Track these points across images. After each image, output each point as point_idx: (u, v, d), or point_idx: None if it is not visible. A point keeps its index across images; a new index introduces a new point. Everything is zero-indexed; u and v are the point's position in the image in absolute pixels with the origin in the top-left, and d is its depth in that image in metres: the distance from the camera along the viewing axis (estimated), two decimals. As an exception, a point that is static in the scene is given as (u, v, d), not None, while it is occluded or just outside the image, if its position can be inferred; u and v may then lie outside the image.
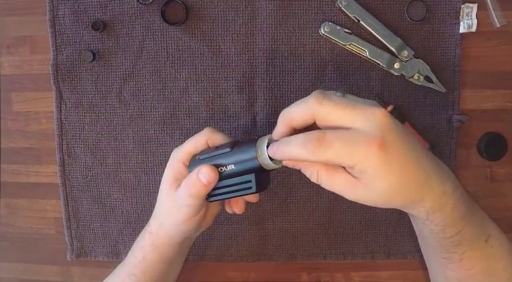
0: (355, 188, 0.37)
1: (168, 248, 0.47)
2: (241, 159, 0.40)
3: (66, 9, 0.55)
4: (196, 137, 0.45)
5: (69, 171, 0.57)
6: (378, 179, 0.36)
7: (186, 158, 0.45)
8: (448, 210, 0.39)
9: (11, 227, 0.60)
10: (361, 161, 0.35)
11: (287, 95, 0.55)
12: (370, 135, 0.35)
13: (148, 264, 0.48)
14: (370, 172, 0.35)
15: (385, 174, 0.36)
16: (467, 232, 0.41)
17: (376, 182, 0.36)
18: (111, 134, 0.56)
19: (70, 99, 0.56)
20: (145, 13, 0.54)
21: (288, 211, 0.57)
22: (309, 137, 0.36)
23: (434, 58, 0.54)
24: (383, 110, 0.36)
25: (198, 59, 0.55)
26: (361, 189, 0.37)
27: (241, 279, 0.59)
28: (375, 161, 0.35)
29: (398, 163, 0.36)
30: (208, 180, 0.41)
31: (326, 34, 0.53)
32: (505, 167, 0.56)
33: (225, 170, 0.41)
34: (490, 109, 0.55)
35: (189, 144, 0.45)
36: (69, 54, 0.55)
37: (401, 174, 0.36)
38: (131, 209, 0.57)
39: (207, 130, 0.45)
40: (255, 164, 0.39)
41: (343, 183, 0.37)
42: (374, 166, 0.35)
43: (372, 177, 0.36)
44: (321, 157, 0.35)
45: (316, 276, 0.59)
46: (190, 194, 0.42)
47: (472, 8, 0.53)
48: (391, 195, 0.37)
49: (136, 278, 0.48)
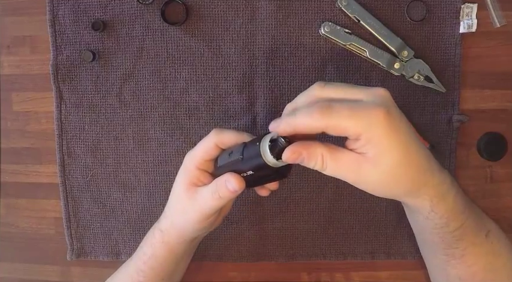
0: (360, 166, 0.37)
1: (177, 246, 0.48)
2: (253, 166, 0.40)
3: (66, 9, 0.55)
4: (205, 142, 0.45)
5: (69, 171, 0.57)
6: (384, 153, 0.36)
7: (200, 162, 0.45)
8: (450, 201, 0.40)
9: (11, 227, 0.60)
10: (367, 129, 0.35)
11: (287, 95, 0.55)
12: (376, 105, 0.35)
13: (157, 261, 0.48)
14: (375, 142, 0.35)
15: (391, 149, 0.36)
16: (468, 226, 0.41)
17: (382, 157, 0.36)
18: (111, 134, 0.56)
19: (70, 99, 0.56)
20: (145, 13, 0.54)
21: (288, 211, 0.57)
22: (315, 106, 0.36)
23: (434, 58, 0.54)
24: (385, 89, 0.37)
25: (198, 59, 0.55)
26: (367, 167, 0.36)
27: (241, 279, 0.59)
28: (381, 129, 0.35)
29: (402, 139, 0.36)
30: (235, 189, 0.42)
31: (326, 34, 0.53)
32: (505, 167, 0.56)
33: (246, 175, 0.42)
34: (490, 109, 0.55)
35: (200, 150, 0.45)
36: (69, 54, 0.55)
37: (406, 152, 0.37)
38: (131, 209, 0.57)
39: (214, 133, 0.44)
40: (266, 166, 0.39)
41: (348, 162, 0.37)
42: (380, 136, 0.35)
43: (377, 150, 0.36)
44: (328, 121, 0.35)
45: (316, 276, 0.59)
46: (219, 196, 0.42)
47: (472, 8, 0.53)
48: (396, 174, 0.37)
49: (145, 274, 0.48)
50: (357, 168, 0.37)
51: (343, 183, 0.55)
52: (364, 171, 0.37)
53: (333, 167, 0.38)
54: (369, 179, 0.38)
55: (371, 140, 0.35)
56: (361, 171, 0.37)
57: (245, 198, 0.57)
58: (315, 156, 0.38)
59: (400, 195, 0.40)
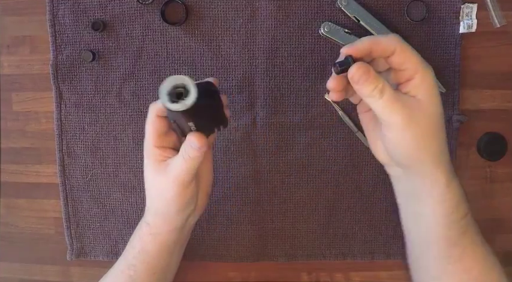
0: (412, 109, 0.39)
1: (167, 236, 0.47)
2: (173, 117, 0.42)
3: (66, 9, 0.55)
4: (148, 119, 0.44)
5: (69, 171, 0.57)
6: (432, 99, 0.40)
7: (155, 140, 0.44)
8: (458, 183, 0.43)
9: (10, 227, 0.60)
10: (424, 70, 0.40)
11: (287, 95, 0.55)
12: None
13: (148, 254, 0.48)
14: (427, 86, 0.40)
15: (436, 100, 0.41)
16: (471, 219, 0.43)
17: (430, 104, 0.40)
18: (111, 134, 0.56)
19: (70, 99, 0.56)
20: (145, 13, 0.54)
21: (288, 211, 0.57)
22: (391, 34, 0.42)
23: (434, 58, 0.54)
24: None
25: (198, 59, 0.55)
26: (417, 110, 0.40)
27: (241, 279, 0.59)
28: (432, 79, 0.40)
29: (437, 98, 0.41)
30: (198, 146, 0.41)
31: (326, 34, 0.53)
32: (505, 167, 0.56)
33: (193, 128, 0.42)
34: (490, 109, 0.55)
35: (149, 129, 0.45)
36: (69, 54, 0.55)
37: (442, 111, 0.41)
38: (131, 209, 0.58)
39: (150, 107, 0.44)
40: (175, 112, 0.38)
41: (403, 100, 0.40)
42: (430, 82, 0.40)
43: (428, 94, 0.40)
44: (401, 45, 0.40)
45: (316, 276, 0.59)
46: (189, 157, 0.42)
47: (472, 8, 0.53)
48: (436, 128, 0.41)
49: (136, 268, 0.48)
50: (410, 108, 0.39)
51: (343, 184, 0.55)
52: (414, 112, 0.39)
53: (390, 96, 0.39)
54: (416, 123, 0.40)
55: (424, 81, 0.40)
56: (412, 111, 0.39)
57: (245, 198, 0.57)
58: (377, 80, 0.39)
59: (427, 156, 0.41)
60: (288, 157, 0.56)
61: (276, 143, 0.56)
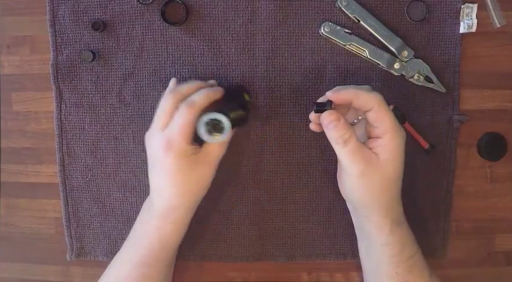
0: (371, 162, 0.44)
1: (186, 227, 0.51)
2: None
3: (66, 9, 0.55)
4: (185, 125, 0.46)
5: (69, 171, 0.57)
6: (391, 161, 0.44)
7: (188, 139, 0.47)
8: (404, 230, 0.48)
9: (11, 227, 0.60)
10: (391, 134, 0.44)
11: (287, 95, 0.55)
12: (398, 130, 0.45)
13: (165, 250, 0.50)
14: (390, 149, 0.44)
15: (397, 163, 0.45)
16: (418, 259, 0.48)
17: (388, 164, 0.44)
18: (111, 134, 0.56)
19: (70, 99, 0.56)
20: (145, 13, 0.54)
21: (288, 211, 0.57)
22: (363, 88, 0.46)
23: (434, 58, 0.54)
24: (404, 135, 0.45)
25: (198, 59, 0.55)
26: (374, 165, 0.44)
27: (242, 279, 0.59)
28: (401, 142, 0.45)
29: (402, 162, 0.46)
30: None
31: (326, 34, 0.53)
32: (505, 167, 0.56)
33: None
34: (490, 109, 0.55)
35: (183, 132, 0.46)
36: (69, 54, 0.55)
37: (401, 173, 0.46)
38: (131, 209, 0.58)
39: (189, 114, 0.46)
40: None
41: (364, 152, 0.44)
42: (397, 146, 0.44)
43: (389, 156, 0.44)
44: (375, 97, 0.44)
45: (316, 276, 0.59)
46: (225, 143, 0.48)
47: (472, 8, 0.53)
48: (388, 185, 0.45)
49: (150, 266, 0.50)
50: (368, 162, 0.44)
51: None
52: (371, 168, 0.44)
53: (353, 147, 0.44)
54: (370, 177, 0.44)
55: (390, 143, 0.44)
56: (369, 166, 0.44)
57: (245, 198, 0.57)
58: (347, 129, 0.44)
59: (374, 206, 0.46)
60: (288, 157, 0.56)
61: (276, 143, 0.56)
